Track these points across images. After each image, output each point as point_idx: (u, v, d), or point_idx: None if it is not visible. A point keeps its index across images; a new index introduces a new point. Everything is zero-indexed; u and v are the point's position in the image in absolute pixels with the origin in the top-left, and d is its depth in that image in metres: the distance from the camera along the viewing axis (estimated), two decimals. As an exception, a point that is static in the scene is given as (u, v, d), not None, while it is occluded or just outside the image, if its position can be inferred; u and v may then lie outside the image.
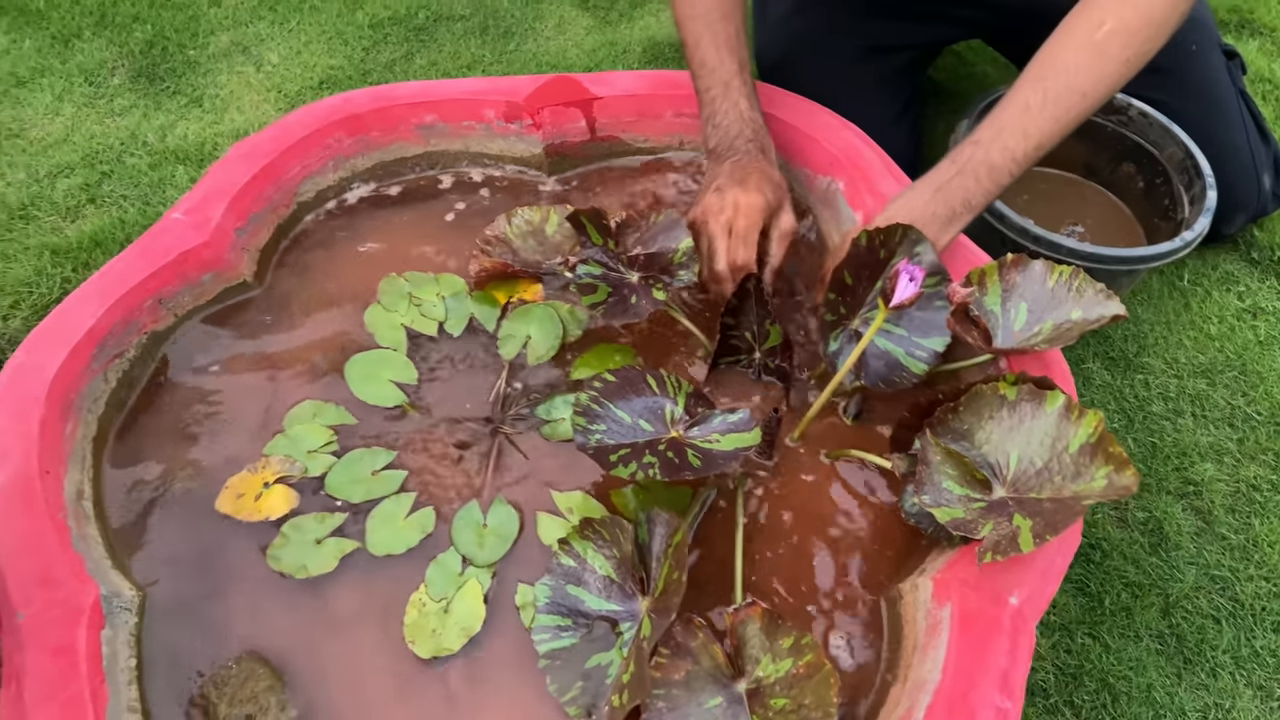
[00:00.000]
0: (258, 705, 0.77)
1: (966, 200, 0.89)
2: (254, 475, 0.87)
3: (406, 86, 1.10)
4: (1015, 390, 0.79)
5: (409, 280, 1.01)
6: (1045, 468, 0.77)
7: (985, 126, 0.89)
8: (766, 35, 1.31)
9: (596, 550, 0.81)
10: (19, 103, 1.47)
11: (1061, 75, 0.88)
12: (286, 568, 0.82)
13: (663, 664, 0.75)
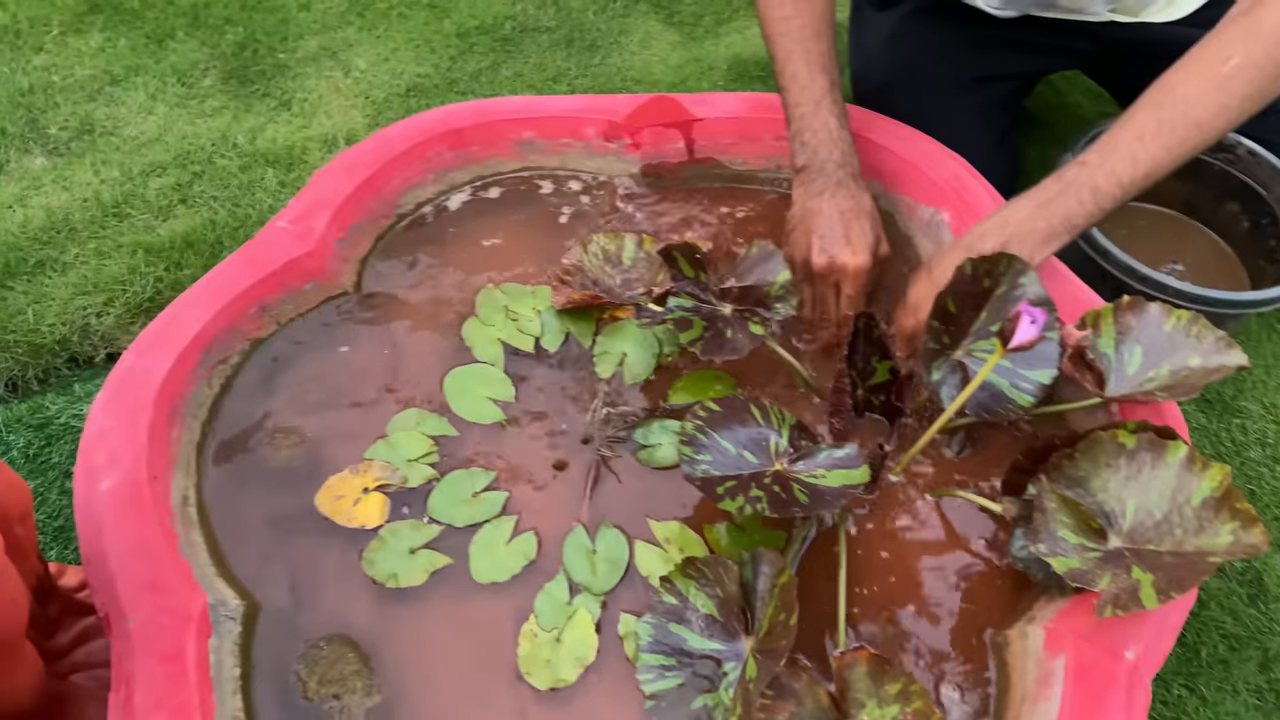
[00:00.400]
0: (344, 686, 0.78)
1: (1068, 220, 0.87)
2: (355, 477, 0.88)
3: (509, 102, 1.10)
4: (1135, 439, 0.78)
5: (506, 293, 1.01)
6: (1165, 519, 0.76)
7: (1095, 149, 0.88)
8: (863, 62, 1.29)
9: (699, 589, 0.80)
10: (114, 101, 1.49)
11: (1179, 105, 0.86)
12: (378, 574, 0.82)
13: (766, 705, 0.74)
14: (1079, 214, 0.87)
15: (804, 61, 0.98)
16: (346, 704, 0.77)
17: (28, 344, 1.19)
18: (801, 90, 0.98)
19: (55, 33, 1.58)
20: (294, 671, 0.78)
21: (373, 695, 0.77)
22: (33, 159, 1.42)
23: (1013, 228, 0.87)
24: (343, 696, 0.77)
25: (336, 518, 0.86)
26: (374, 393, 0.94)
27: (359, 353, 0.97)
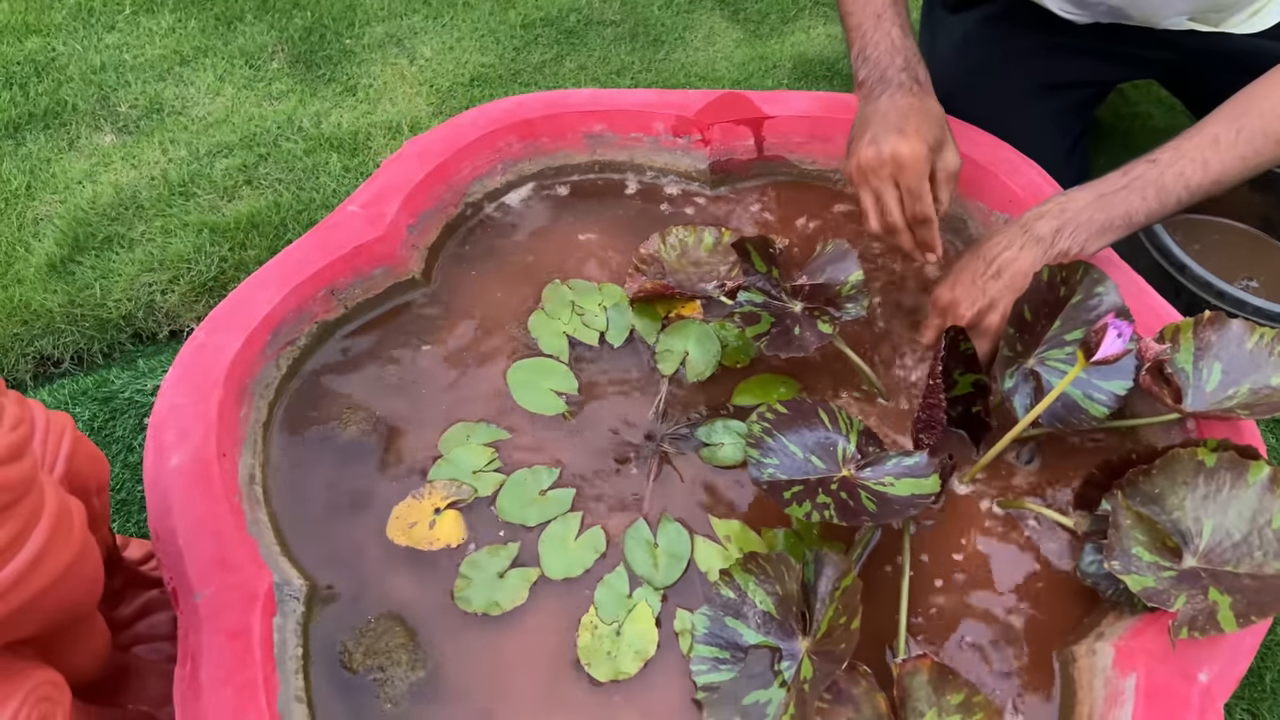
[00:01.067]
0: (390, 659, 0.78)
1: (1128, 215, 0.86)
2: (421, 502, 0.87)
3: (578, 94, 1.10)
4: (1215, 457, 0.76)
5: (572, 289, 1.01)
6: (1244, 540, 0.74)
7: (1167, 149, 0.87)
8: (935, 65, 1.27)
9: (758, 585, 0.79)
10: (182, 81, 1.51)
11: (1259, 118, 0.85)
12: (479, 608, 0.81)
13: (824, 709, 0.74)
14: (1140, 210, 0.87)
15: (874, 9, 0.96)
16: (390, 676, 0.77)
17: (94, 318, 1.21)
18: (862, 8, 0.97)
19: (128, 12, 1.60)
20: (340, 642, 0.79)
21: (416, 670, 0.78)
22: (103, 136, 1.44)
23: (1070, 214, 0.87)
24: (387, 669, 0.78)
25: (417, 545, 0.84)
26: (437, 380, 0.94)
27: (426, 340, 0.97)
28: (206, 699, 0.71)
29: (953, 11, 1.28)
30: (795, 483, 0.78)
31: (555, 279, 1.01)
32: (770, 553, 0.80)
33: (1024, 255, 0.88)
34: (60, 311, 1.20)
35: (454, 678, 0.78)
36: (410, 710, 0.76)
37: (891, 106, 0.90)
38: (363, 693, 0.77)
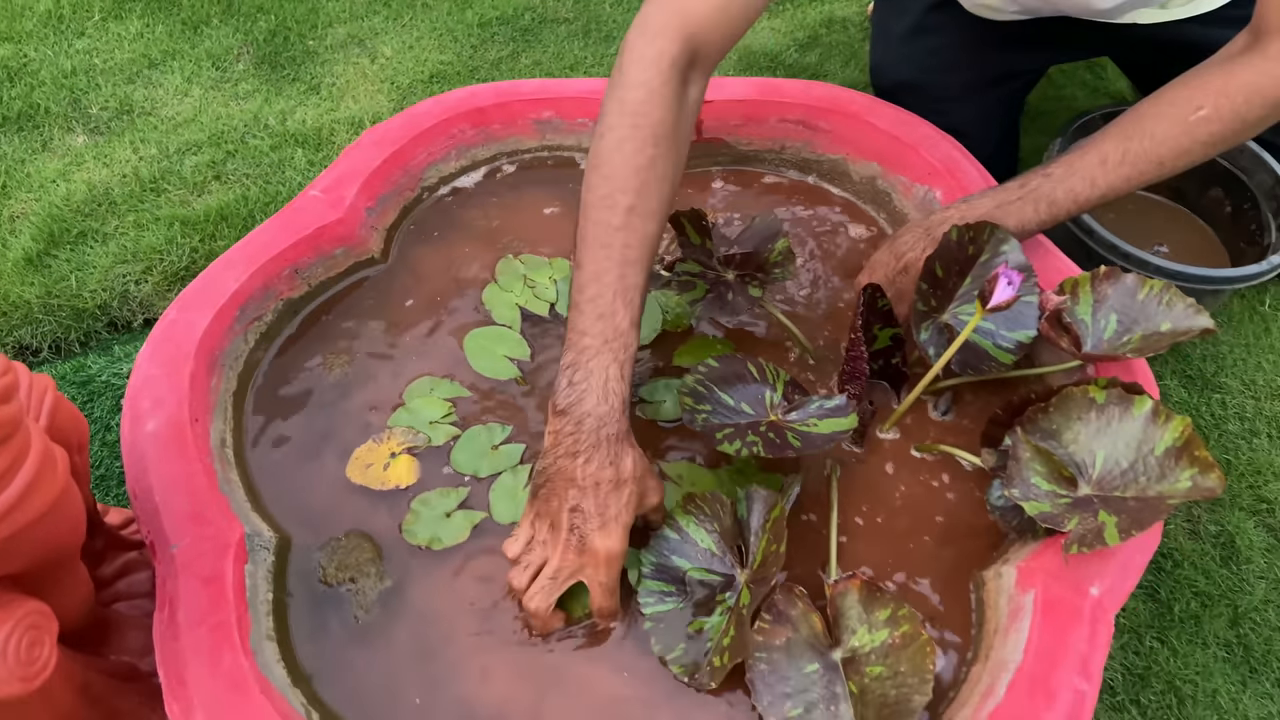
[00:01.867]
0: (359, 571, 0.86)
1: (1022, 224, 0.93)
2: (379, 445, 0.94)
3: (528, 84, 1.17)
4: (1104, 394, 0.83)
5: (524, 263, 1.07)
6: (1131, 468, 0.82)
7: (1060, 163, 0.93)
8: (883, 52, 1.33)
9: (698, 524, 0.86)
10: (151, 83, 1.57)
11: (1146, 142, 0.91)
12: (421, 541, 0.88)
13: (765, 629, 0.80)
14: (1033, 221, 0.94)
15: (614, 287, 0.81)
16: (362, 587, 0.85)
17: (71, 308, 1.26)
18: (596, 319, 0.81)
19: (96, 19, 1.66)
20: (315, 559, 0.87)
21: (385, 580, 0.86)
22: (75, 137, 1.49)
23: (971, 221, 0.93)
24: (358, 580, 0.85)
25: (370, 484, 0.91)
26: (398, 351, 1.01)
27: (385, 313, 1.03)
28: (184, 639, 0.77)
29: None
30: (727, 425, 0.85)
31: (507, 255, 1.08)
32: (707, 493, 0.87)
33: (925, 257, 0.95)
34: (38, 303, 1.26)
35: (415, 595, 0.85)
36: (380, 617, 0.84)
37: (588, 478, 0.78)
38: (338, 604, 0.85)
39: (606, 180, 0.83)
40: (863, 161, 1.14)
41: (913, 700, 0.75)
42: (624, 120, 0.84)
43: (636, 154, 0.83)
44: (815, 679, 0.78)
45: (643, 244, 0.83)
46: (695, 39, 0.86)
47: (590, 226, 0.83)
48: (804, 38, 1.67)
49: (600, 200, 0.83)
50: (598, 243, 0.83)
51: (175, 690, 0.75)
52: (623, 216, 0.82)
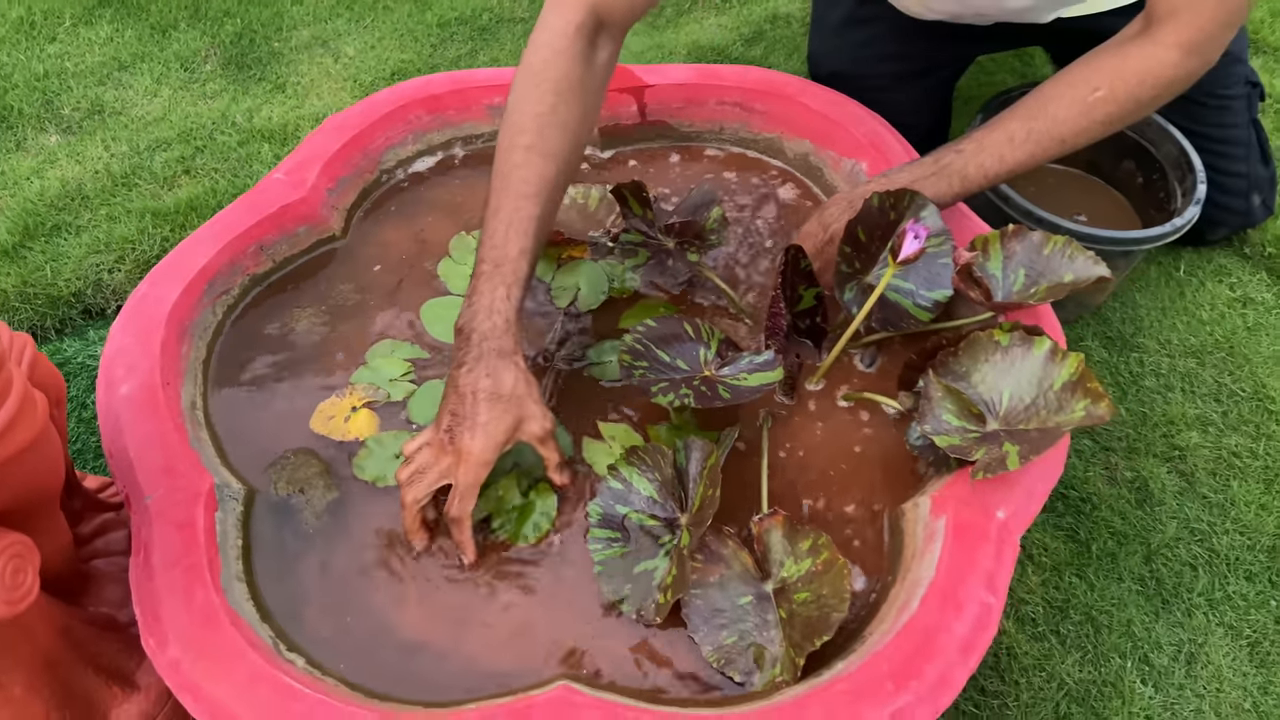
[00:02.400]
0: (308, 484, 0.94)
1: (937, 196, 1.00)
2: (342, 400, 1.00)
3: (481, 72, 1.24)
4: (1008, 336, 0.91)
5: (476, 238, 1.14)
6: (1033, 403, 0.89)
7: (972, 140, 1.01)
8: (819, 43, 1.40)
9: (641, 475, 0.93)
10: (121, 85, 1.63)
11: (1048, 121, 0.98)
12: (369, 476, 0.94)
13: (699, 568, 0.87)
14: (947, 194, 1.01)
15: (507, 219, 0.90)
16: (311, 497, 0.93)
17: (46, 296, 1.32)
18: (491, 249, 0.90)
19: (67, 24, 1.71)
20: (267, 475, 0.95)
21: (331, 492, 0.94)
22: (48, 136, 1.55)
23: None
24: (307, 492, 0.93)
25: (332, 434, 0.98)
26: (359, 320, 1.07)
27: (347, 286, 1.10)
28: (158, 579, 0.83)
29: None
30: (662, 380, 0.92)
31: (461, 231, 1.14)
32: (649, 445, 0.94)
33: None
34: (14, 291, 1.31)
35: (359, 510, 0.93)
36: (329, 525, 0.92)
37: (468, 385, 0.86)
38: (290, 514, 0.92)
39: (510, 127, 0.93)
40: (795, 139, 1.22)
41: (831, 617, 0.82)
42: (528, 78, 0.93)
43: (538, 103, 0.92)
44: (749, 609, 0.85)
45: (540, 180, 0.91)
46: (599, 8, 0.94)
47: (496, 169, 0.93)
48: (749, 33, 1.75)
49: (503, 145, 0.92)
50: (498, 181, 0.92)
51: (151, 626, 0.80)
52: (521, 155, 0.91)
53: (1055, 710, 1.00)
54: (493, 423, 0.85)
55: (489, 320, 0.87)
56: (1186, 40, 0.93)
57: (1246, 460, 1.18)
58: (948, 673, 0.77)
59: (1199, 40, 0.93)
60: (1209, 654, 1.04)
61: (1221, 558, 1.10)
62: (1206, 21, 0.92)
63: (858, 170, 1.16)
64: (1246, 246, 1.40)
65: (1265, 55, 1.70)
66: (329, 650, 0.84)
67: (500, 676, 0.83)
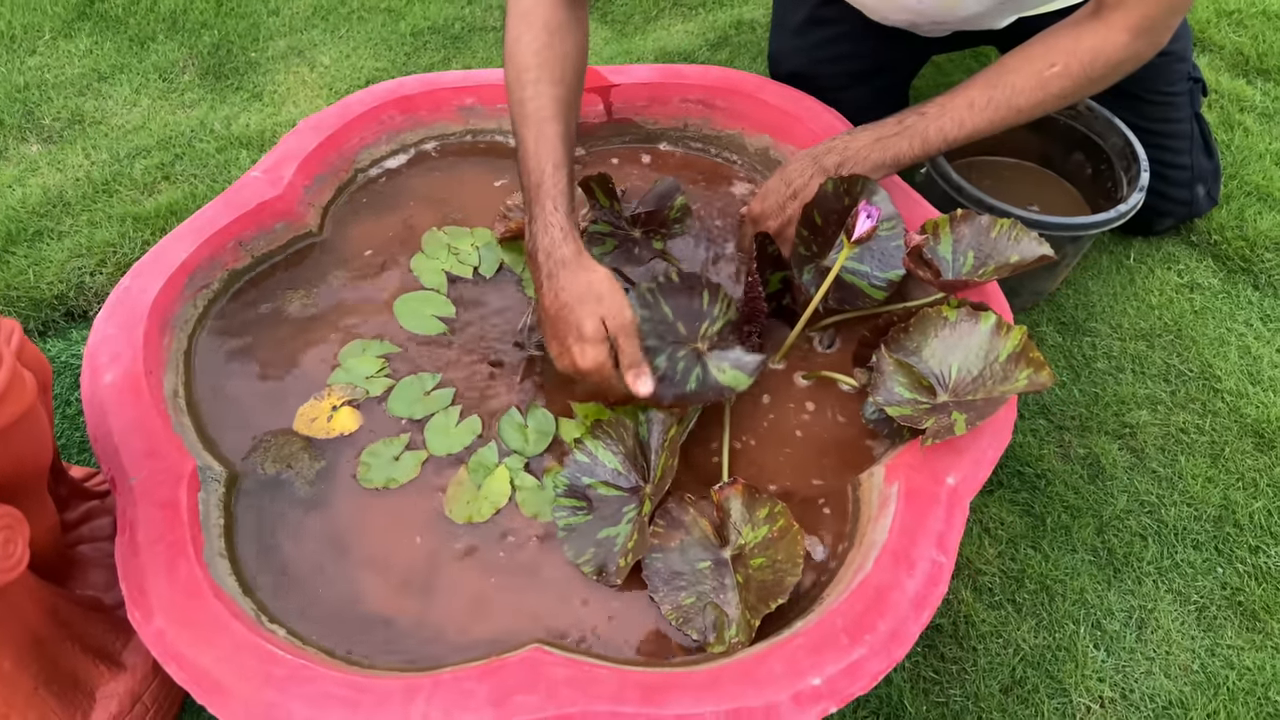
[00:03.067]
0: (294, 459, 0.98)
1: (897, 157, 1.05)
2: (322, 401, 1.02)
3: (451, 74, 1.28)
4: (955, 313, 0.95)
5: (448, 234, 1.18)
6: (980, 375, 0.93)
7: (934, 104, 1.06)
8: (782, 42, 1.45)
9: (605, 447, 0.97)
10: (101, 95, 1.66)
11: (1007, 91, 1.04)
12: (379, 484, 0.97)
13: (660, 533, 0.91)
14: (907, 155, 1.06)
15: (534, 143, 0.98)
16: (299, 469, 0.97)
17: (29, 299, 1.35)
18: (529, 175, 0.98)
19: (47, 37, 1.75)
20: (252, 461, 0.98)
21: (317, 461, 0.98)
22: (29, 146, 1.58)
23: (852, 151, 1.05)
24: (294, 465, 0.97)
25: (316, 434, 1.00)
26: (335, 312, 1.10)
27: (322, 281, 1.13)
28: (143, 555, 0.86)
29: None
30: (649, 341, 0.94)
31: (433, 227, 1.18)
32: (612, 418, 0.98)
33: (814, 183, 1.06)
34: (-2, 294, 1.34)
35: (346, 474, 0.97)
36: (322, 490, 0.96)
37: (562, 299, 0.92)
38: (282, 487, 0.96)
39: (514, 68, 1.02)
40: (756, 134, 1.26)
41: (785, 580, 0.86)
42: (519, 21, 1.03)
43: (533, 41, 1.01)
44: (707, 574, 0.89)
45: (554, 103, 0.99)
46: None
47: (512, 108, 1.01)
48: (715, 38, 1.80)
49: (512, 84, 1.02)
50: (517, 115, 1.01)
51: (136, 599, 0.83)
52: (531, 87, 1.00)
53: (1011, 674, 1.04)
54: (588, 324, 0.91)
55: (547, 236, 0.95)
56: (1135, 24, 0.99)
57: (1193, 436, 1.23)
58: (900, 627, 0.81)
59: (1146, 25, 1.00)
60: (1158, 619, 1.08)
61: (1170, 528, 1.15)
62: (1152, 8, 0.99)
63: (815, 162, 1.20)
64: (1193, 235, 1.46)
65: (1211, 54, 1.76)
66: (309, 622, 0.88)
67: (474, 643, 0.87)
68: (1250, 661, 1.05)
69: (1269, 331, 1.34)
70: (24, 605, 0.85)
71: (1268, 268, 1.41)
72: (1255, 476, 1.19)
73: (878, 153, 1.05)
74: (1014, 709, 1.01)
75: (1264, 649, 1.06)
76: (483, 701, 0.77)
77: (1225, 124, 1.62)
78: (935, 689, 1.02)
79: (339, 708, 0.76)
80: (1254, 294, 1.39)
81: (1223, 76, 1.71)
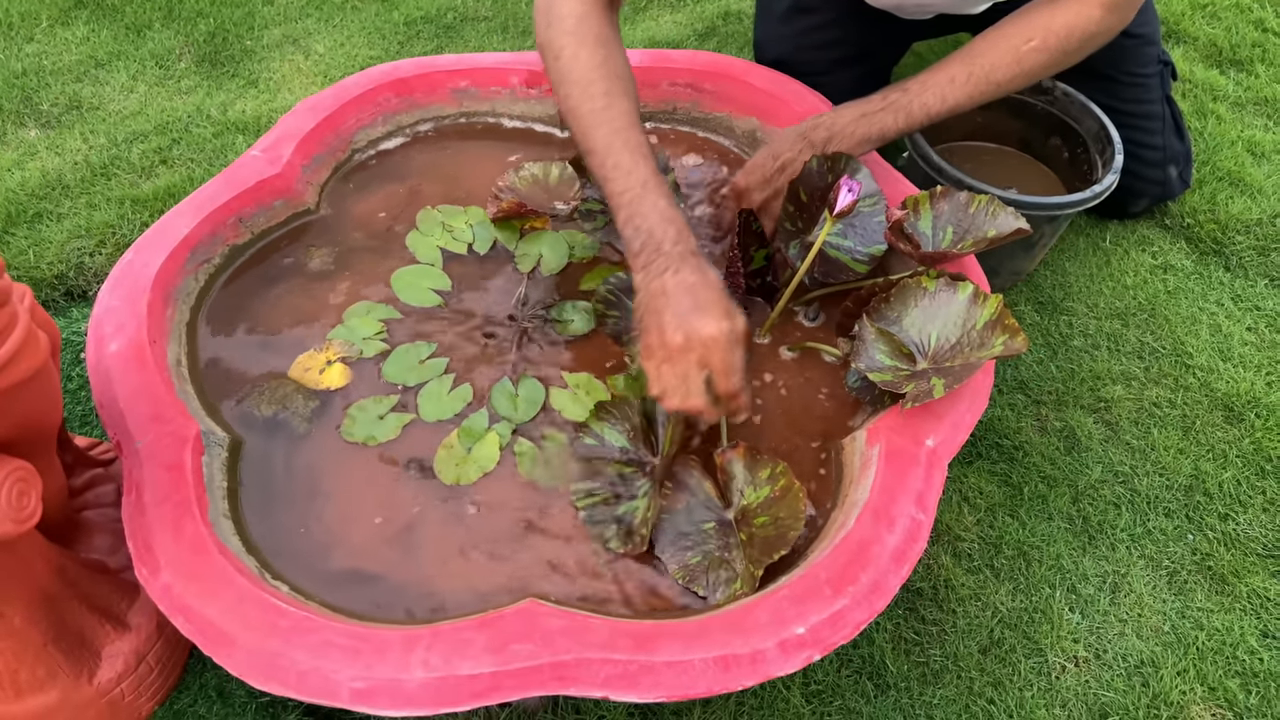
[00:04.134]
0: (288, 400, 1.02)
1: (882, 131, 1.10)
2: (319, 354, 1.06)
3: (446, 57, 1.31)
4: (935, 283, 0.99)
5: (442, 212, 1.21)
6: (958, 342, 0.97)
7: (916, 80, 1.10)
8: (767, 29, 1.49)
9: (611, 428, 0.99)
10: (98, 82, 1.68)
11: (985, 67, 1.09)
12: (359, 438, 1.00)
13: (668, 494, 0.94)
14: (892, 129, 1.10)
15: (625, 149, 0.96)
16: (294, 409, 1.01)
17: (29, 279, 1.37)
18: (627, 176, 0.95)
19: (44, 25, 1.77)
20: (248, 402, 1.03)
21: (311, 401, 1.02)
22: (27, 131, 1.60)
23: (839, 127, 1.09)
24: (289, 406, 1.01)
25: (306, 383, 1.04)
26: (332, 287, 1.13)
27: (320, 257, 1.16)
28: (150, 514, 0.88)
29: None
30: (633, 330, 0.98)
31: (427, 206, 1.21)
32: (615, 399, 1.01)
33: (801, 157, 1.10)
34: (-2, 273, 1.36)
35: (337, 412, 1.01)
36: (319, 427, 1.01)
37: (679, 285, 0.89)
38: (280, 427, 1.01)
39: (577, 84, 1.00)
40: (743, 117, 1.30)
41: (788, 535, 0.90)
42: (570, 39, 1.02)
43: (591, 56, 1.01)
44: (712, 533, 0.93)
45: (628, 114, 0.99)
46: None
47: (584, 120, 0.99)
48: (703, 29, 1.84)
49: (581, 99, 0.99)
50: (594, 127, 0.98)
51: (143, 555, 0.86)
52: (603, 100, 0.99)
53: (990, 635, 1.07)
54: (716, 305, 0.88)
55: (671, 227, 0.92)
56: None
57: (1166, 410, 1.27)
58: (881, 579, 0.85)
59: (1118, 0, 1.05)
60: (1131, 583, 1.12)
61: (1142, 497, 1.19)
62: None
63: (801, 143, 1.24)
64: (1167, 218, 1.50)
65: (1185, 45, 1.81)
66: (311, 578, 0.91)
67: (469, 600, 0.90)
68: (1219, 623, 1.09)
69: (1239, 310, 1.39)
70: (34, 562, 0.87)
71: (1238, 250, 1.46)
72: (1224, 448, 1.23)
73: (863, 127, 1.09)
74: (992, 668, 1.05)
75: (1232, 611, 1.10)
76: (480, 649, 0.80)
77: (1199, 112, 1.67)
78: (916, 649, 1.06)
79: (341, 655, 0.79)
80: (1225, 275, 1.44)
81: (1196, 67, 1.75)
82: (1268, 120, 1.67)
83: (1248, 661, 1.06)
